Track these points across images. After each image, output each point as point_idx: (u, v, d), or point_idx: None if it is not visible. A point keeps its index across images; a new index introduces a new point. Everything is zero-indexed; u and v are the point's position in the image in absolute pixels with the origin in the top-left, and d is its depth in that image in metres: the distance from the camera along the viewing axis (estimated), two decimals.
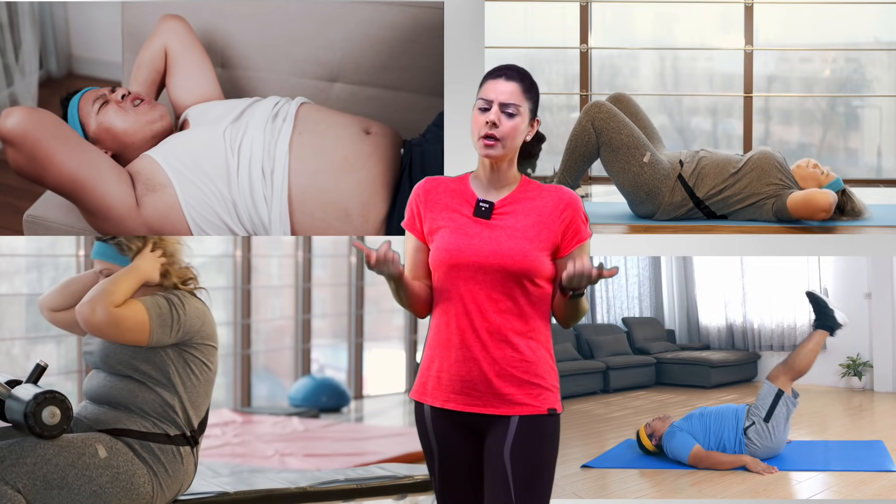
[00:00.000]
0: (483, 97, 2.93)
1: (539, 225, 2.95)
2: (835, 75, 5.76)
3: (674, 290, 5.99)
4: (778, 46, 5.35)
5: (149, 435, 3.52)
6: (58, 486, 3.37)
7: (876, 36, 5.64)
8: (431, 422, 3.00)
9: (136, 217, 3.96)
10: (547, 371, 2.96)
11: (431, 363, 2.99)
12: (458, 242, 2.94)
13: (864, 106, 5.81)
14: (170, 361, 3.57)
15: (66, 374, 8.10)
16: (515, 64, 3.00)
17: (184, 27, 4.32)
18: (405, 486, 4.06)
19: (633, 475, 4.81)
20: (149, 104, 4.13)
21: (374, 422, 9.25)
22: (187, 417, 3.59)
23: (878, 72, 5.70)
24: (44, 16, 5.19)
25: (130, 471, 3.47)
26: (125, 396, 3.55)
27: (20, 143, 3.88)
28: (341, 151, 4.01)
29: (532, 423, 2.92)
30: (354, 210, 3.99)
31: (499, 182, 2.99)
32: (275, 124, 4.05)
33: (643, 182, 4.48)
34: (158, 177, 3.98)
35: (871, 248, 4.32)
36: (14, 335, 8.37)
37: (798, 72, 5.73)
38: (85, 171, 3.92)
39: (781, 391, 4.87)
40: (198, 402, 3.62)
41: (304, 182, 3.97)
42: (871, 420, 5.43)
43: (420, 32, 4.42)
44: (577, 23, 5.15)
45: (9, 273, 8.43)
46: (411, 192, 3.07)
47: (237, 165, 3.98)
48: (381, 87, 4.50)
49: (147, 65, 4.30)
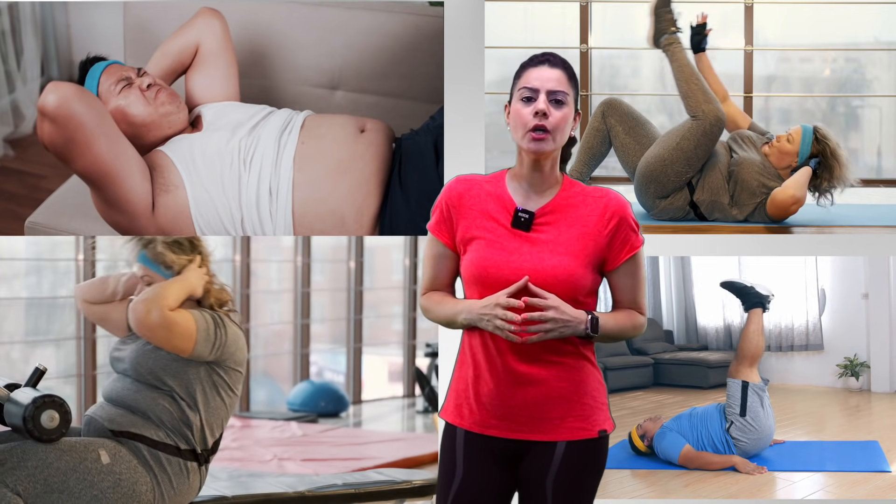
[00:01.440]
0: (527, 85, 2.69)
1: (584, 237, 2.71)
2: (835, 75, 5.76)
3: (672, 291, 5.98)
4: (778, 46, 5.34)
5: (160, 444, 3.51)
6: (58, 490, 3.35)
7: (876, 36, 5.64)
8: (464, 446, 2.78)
9: (149, 216, 3.92)
10: (596, 387, 2.76)
11: (468, 384, 2.77)
12: (496, 258, 2.71)
13: (864, 106, 5.80)
14: (198, 379, 3.57)
15: (66, 378, 8.09)
16: (553, 52, 2.76)
17: (222, 26, 4.22)
18: (403, 490, 4.05)
19: (625, 476, 4.80)
20: (170, 97, 4.05)
21: (373, 427, 9.24)
22: (202, 436, 3.57)
23: (878, 72, 5.69)
24: (45, 22, 5.19)
25: (133, 478, 3.46)
26: (146, 404, 3.54)
27: (63, 122, 3.76)
28: (337, 154, 3.97)
29: (580, 449, 2.73)
30: (349, 215, 3.95)
31: (541, 184, 2.74)
32: (282, 138, 3.99)
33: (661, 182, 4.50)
34: (173, 178, 3.93)
35: (868, 248, 4.31)
36: (13, 339, 8.36)
37: (798, 72, 5.72)
38: (118, 165, 3.84)
39: (746, 382, 4.86)
40: (216, 423, 3.62)
41: (305, 195, 3.93)
42: (869, 420, 5.43)
43: (421, 40, 4.42)
44: (577, 23, 5.14)
45: (8, 277, 8.42)
46: (440, 192, 2.85)
47: (248, 180, 3.93)
48: (381, 94, 4.50)
49: (174, 55, 4.21)
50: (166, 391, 3.55)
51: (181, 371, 3.55)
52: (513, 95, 2.74)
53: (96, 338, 8.05)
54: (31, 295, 8.51)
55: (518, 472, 2.79)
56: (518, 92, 2.71)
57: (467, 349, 2.79)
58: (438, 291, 2.85)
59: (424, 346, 9.97)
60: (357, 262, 10.56)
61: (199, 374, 3.57)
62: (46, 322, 8.58)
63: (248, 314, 9.80)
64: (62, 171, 4.66)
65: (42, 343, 8.48)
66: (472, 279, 2.74)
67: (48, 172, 4.87)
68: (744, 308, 5.01)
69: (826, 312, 5.68)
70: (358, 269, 10.57)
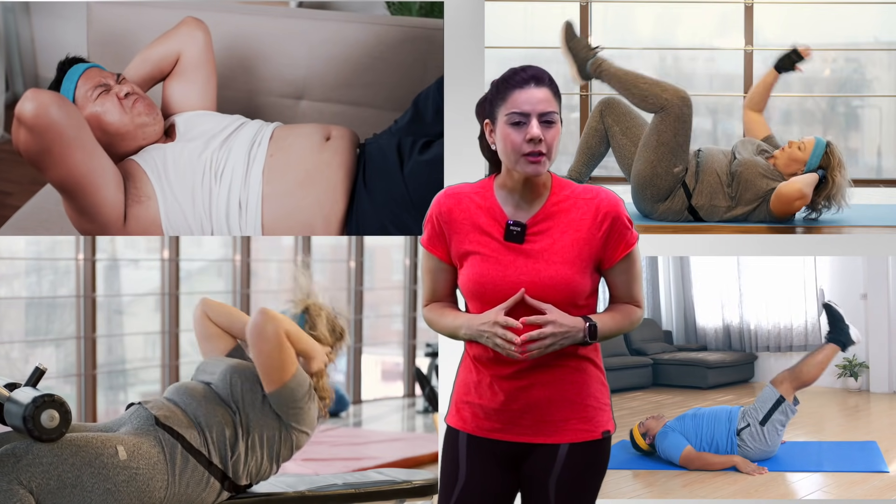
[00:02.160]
0: (516, 110, 2.63)
1: (578, 242, 2.69)
2: (835, 75, 5.76)
3: (671, 291, 5.99)
4: (778, 46, 5.33)
5: (195, 451, 3.52)
6: (71, 484, 3.35)
7: (876, 36, 5.64)
8: (466, 450, 2.79)
9: (120, 225, 3.88)
10: (598, 388, 2.76)
11: (470, 389, 2.78)
12: (493, 274, 2.69)
13: (864, 106, 5.81)
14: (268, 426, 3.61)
15: (66, 378, 8.09)
16: (533, 65, 2.70)
17: (205, 38, 4.18)
18: (404, 490, 4.04)
19: (625, 476, 4.80)
20: (147, 108, 4.02)
21: (373, 426, 9.25)
22: (237, 468, 3.58)
23: (878, 72, 5.70)
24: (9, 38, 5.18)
25: (149, 474, 3.45)
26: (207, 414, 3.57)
27: (40, 132, 3.69)
28: (304, 165, 3.95)
29: (583, 450, 2.73)
30: (317, 223, 3.94)
31: (531, 193, 2.71)
32: (251, 152, 3.96)
33: (655, 185, 4.49)
34: (146, 188, 3.90)
35: (868, 248, 4.31)
36: (13, 338, 8.36)
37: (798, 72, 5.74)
38: (93, 176, 3.79)
39: (783, 397, 4.83)
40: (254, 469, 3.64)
41: (274, 207, 3.91)
42: (867, 421, 5.43)
43: (383, 49, 4.43)
44: (577, 23, 5.14)
45: (8, 276, 8.43)
46: (430, 206, 2.80)
47: (217, 193, 3.91)
48: (345, 103, 4.50)
49: (154, 63, 4.17)
50: (232, 413, 3.58)
51: (261, 408, 3.60)
52: (496, 116, 2.68)
53: (96, 338, 8.06)
54: (31, 294, 8.51)
55: (521, 473, 2.80)
56: (506, 116, 2.65)
57: (469, 354, 2.80)
58: (439, 303, 2.84)
59: (424, 346, 9.97)
60: (357, 262, 10.56)
61: (271, 421, 3.61)
62: (46, 322, 8.58)
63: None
64: (28, 187, 4.64)
65: (42, 343, 8.48)
66: (471, 294, 2.73)
67: (14, 189, 4.84)
68: (827, 337, 4.95)
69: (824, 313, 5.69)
70: (358, 269, 10.57)
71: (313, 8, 5.52)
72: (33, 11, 5.40)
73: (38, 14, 5.40)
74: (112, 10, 4.42)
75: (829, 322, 4.94)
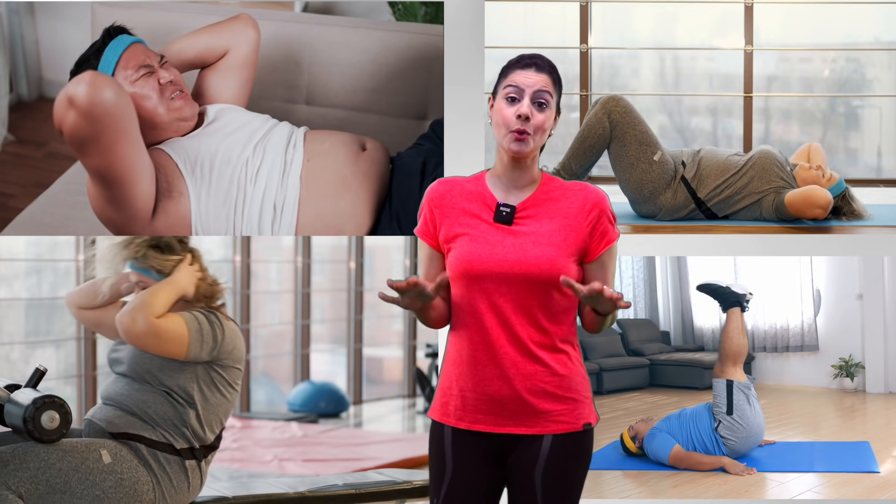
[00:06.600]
0: (512, 84, 2.73)
1: (565, 228, 2.76)
2: (835, 75, 5.76)
3: (668, 292, 5.99)
4: (778, 46, 5.34)
5: (158, 444, 3.51)
6: (60, 490, 3.35)
7: (876, 36, 5.64)
8: (451, 444, 2.83)
9: (148, 219, 3.77)
10: (579, 382, 2.81)
11: (453, 381, 2.81)
12: (480, 252, 2.75)
13: (864, 106, 5.81)
14: (195, 379, 3.56)
15: (66, 379, 8.10)
16: (541, 55, 2.79)
17: (257, 39, 4.10)
18: (404, 491, 4.05)
19: (616, 476, 4.80)
20: (187, 104, 3.88)
21: (373, 427, 9.26)
22: (201, 434, 3.57)
23: (877, 72, 5.70)
24: (14, 39, 5.17)
25: (134, 477, 3.46)
26: (143, 404, 3.53)
27: (95, 118, 3.53)
28: (340, 171, 3.90)
29: (566, 442, 2.78)
30: (347, 230, 3.92)
31: (520, 181, 2.79)
32: (287, 154, 3.89)
33: (648, 181, 4.48)
34: (177, 184, 3.79)
35: (864, 248, 4.32)
36: (13, 339, 8.37)
37: (798, 72, 5.72)
38: (134, 168, 3.66)
39: (731, 381, 4.88)
40: (214, 420, 3.61)
41: (309, 212, 3.86)
42: (863, 421, 5.43)
43: (388, 55, 4.43)
44: (577, 23, 5.14)
45: (8, 277, 8.43)
46: (423, 196, 2.87)
47: (252, 193, 3.82)
48: (349, 109, 4.50)
49: (198, 51, 4.05)
50: (163, 391, 3.54)
51: (178, 371, 3.55)
52: (497, 91, 2.78)
53: (96, 338, 8.06)
54: (31, 295, 8.52)
55: (506, 465, 2.84)
56: (503, 90, 2.75)
57: (453, 347, 2.84)
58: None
59: (424, 347, 9.99)
60: (357, 263, 10.57)
61: (196, 374, 3.56)
62: (46, 322, 8.59)
63: (249, 315, 9.81)
64: (31, 189, 4.61)
65: (42, 343, 8.49)
66: (458, 274, 2.78)
67: (17, 192, 4.82)
68: (722, 308, 5.03)
69: (821, 313, 5.69)
70: (358, 270, 10.59)
71: (319, 11, 5.51)
72: (37, 13, 5.40)
73: (42, 15, 5.39)
74: (116, 11, 4.40)
75: (714, 297, 5.03)
